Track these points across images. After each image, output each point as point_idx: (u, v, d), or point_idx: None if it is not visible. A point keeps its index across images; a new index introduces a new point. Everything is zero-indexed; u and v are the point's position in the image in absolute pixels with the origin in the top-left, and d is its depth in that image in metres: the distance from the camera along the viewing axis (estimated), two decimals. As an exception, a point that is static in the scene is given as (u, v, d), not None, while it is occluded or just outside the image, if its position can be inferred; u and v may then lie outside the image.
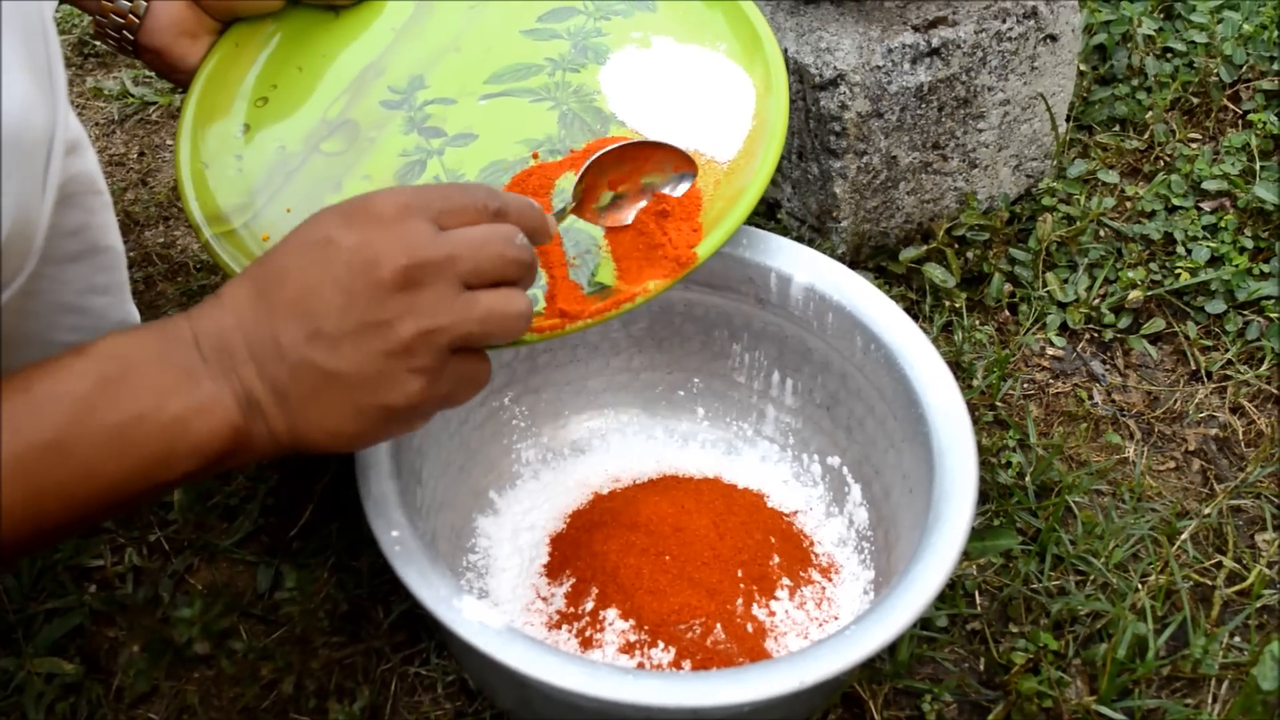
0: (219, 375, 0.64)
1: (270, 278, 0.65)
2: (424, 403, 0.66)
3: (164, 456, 0.63)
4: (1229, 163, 1.29)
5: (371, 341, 0.63)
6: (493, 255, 0.66)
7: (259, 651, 0.91)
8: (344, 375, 0.63)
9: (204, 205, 0.87)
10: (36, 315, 0.76)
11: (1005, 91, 1.18)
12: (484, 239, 0.66)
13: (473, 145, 0.90)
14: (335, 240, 0.64)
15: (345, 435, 0.66)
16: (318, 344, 0.63)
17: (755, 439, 1.02)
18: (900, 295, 1.18)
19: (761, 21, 0.94)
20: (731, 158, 0.88)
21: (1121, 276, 1.19)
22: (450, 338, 0.65)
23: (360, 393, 0.64)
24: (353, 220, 0.65)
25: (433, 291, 0.64)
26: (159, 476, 0.63)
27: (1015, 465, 1.04)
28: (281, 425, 0.65)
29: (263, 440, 0.66)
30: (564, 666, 0.69)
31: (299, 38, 0.96)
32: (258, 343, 0.64)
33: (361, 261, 0.63)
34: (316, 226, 0.66)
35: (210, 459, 0.64)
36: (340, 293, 0.63)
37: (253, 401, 0.64)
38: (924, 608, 0.73)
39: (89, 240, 0.78)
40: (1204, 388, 1.13)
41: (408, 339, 0.63)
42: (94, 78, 1.53)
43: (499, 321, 0.66)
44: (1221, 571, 0.98)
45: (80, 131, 0.79)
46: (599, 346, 1.01)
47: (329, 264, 0.63)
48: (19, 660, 0.89)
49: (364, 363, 0.63)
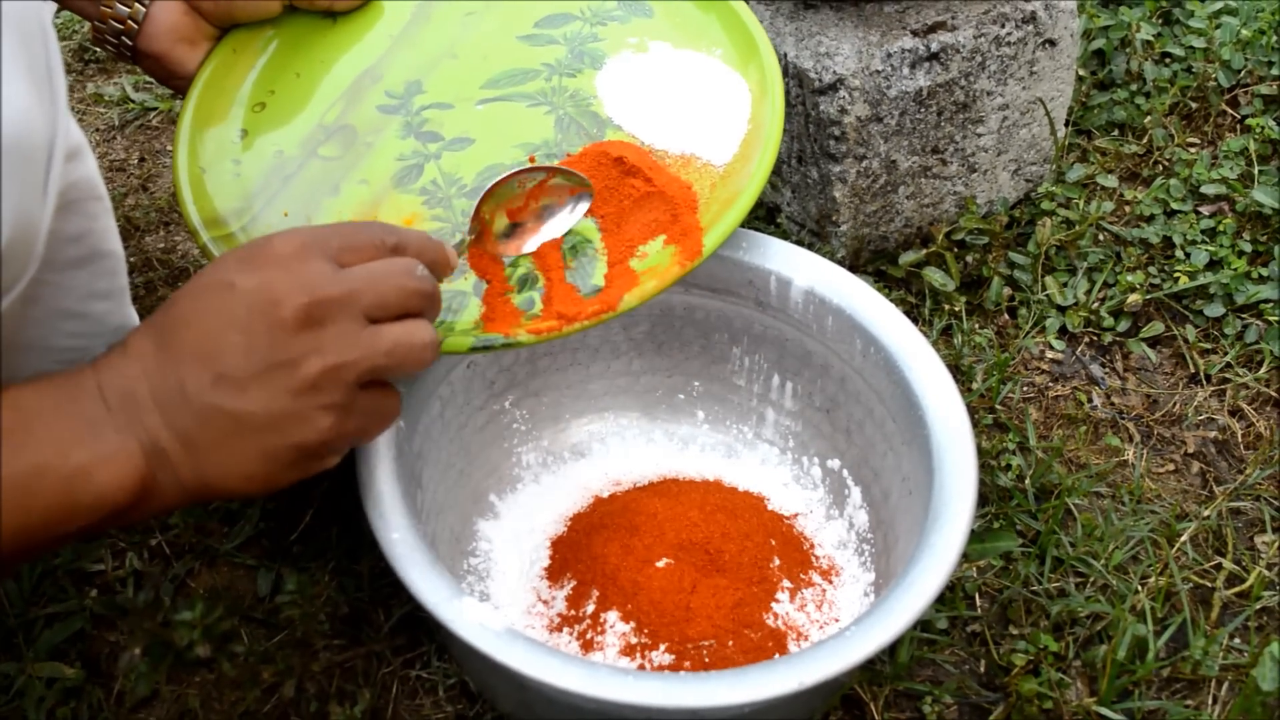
0: (123, 425, 0.63)
1: (172, 325, 0.65)
2: (334, 439, 0.66)
3: (67, 508, 0.62)
4: (1227, 167, 1.29)
5: (278, 381, 0.63)
6: (395, 287, 0.66)
7: (260, 655, 0.91)
8: (252, 417, 0.63)
9: (202, 209, 0.87)
10: (37, 322, 0.76)
11: (1004, 96, 1.18)
12: (384, 273, 0.66)
13: (469, 149, 0.90)
14: (235, 284, 0.64)
15: (257, 479, 0.65)
16: (223, 388, 0.63)
17: (755, 442, 1.02)
18: (900, 299, 1.19)
19: (757, 26, 0.94)
20: (727, 161, 0.88)
21: (1120, 280, 1.20)
22: (357, 372, 0.65)
23: (269, 434, 0.64)
24: (251, 263, 0.65)
25: (336, 328, 0.64)
26: (61, 527, 0.62)
27: (1015, 468, 1.04)
28: (189, 473, 0.65)
29: (170, 489, 0.65)
30: (564, 668, 0.69)
31: (296, 44, 0.96)
32: (162, 390, 0.63)
33: (262, 302, 0.63)
34: (216, 271, 0.66)
35: (114, 510, 0.63)
36: (243, 335, 0.63)
37: (158, 450, 0.64)
38: (923, 609, 0.73)
39: (90, 246, 0.78)
40: (1203, 390, 1.13)
41: (314, 376, 0.63)
42: (94, 83, 1.53)
43: (405, 352, 0.66)
44: (1221, 573, 0.98)
45: (80, 137, 0.79)
46: (599, 350, 1.01)
47: (230, 307, 0.63)
48: (20, 665, 0.89)
49: (271, 403, 0.63)
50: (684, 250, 0.83)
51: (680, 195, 0.85)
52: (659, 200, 0.85)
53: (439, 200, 0.87)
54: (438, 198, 0.88)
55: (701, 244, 0.83)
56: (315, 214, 0.87)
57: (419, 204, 0.87)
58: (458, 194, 0.88)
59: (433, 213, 0.87)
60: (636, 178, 0.86)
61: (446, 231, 0.86)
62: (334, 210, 0.87)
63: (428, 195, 0.88)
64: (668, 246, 0.84)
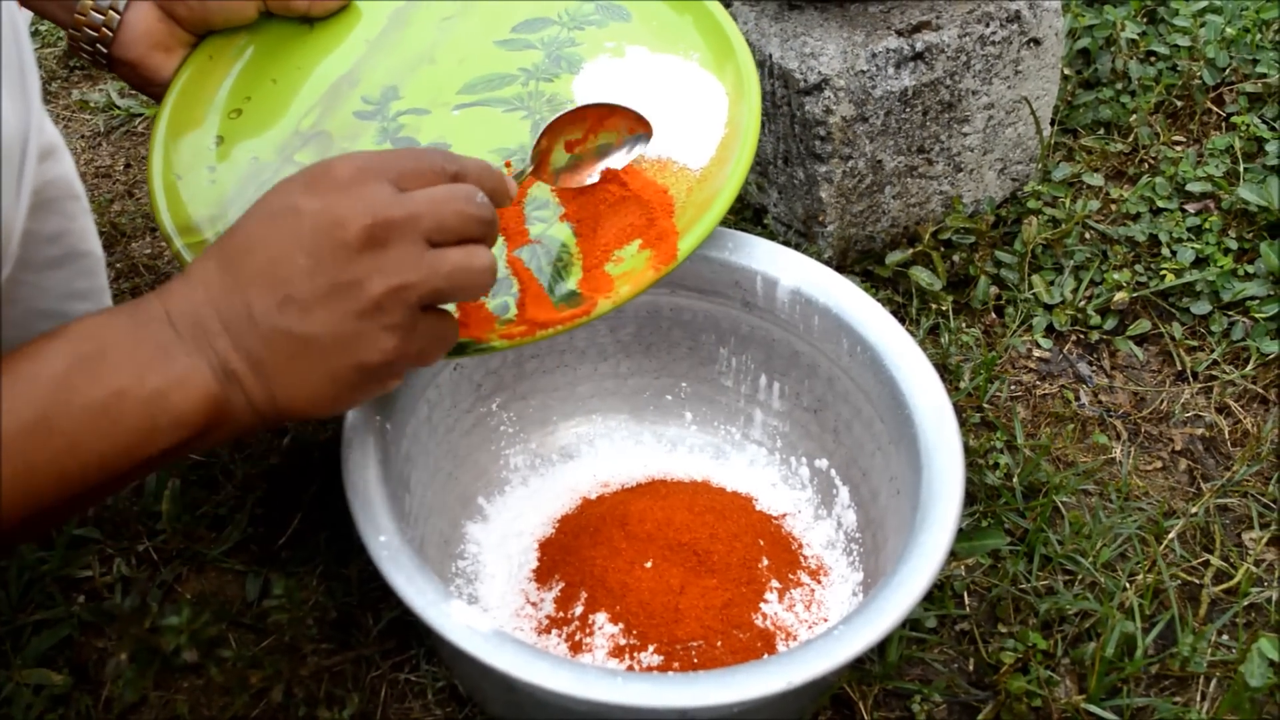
0: (194, 349, 0.65)
1: (237, 249, 0.66)
2: (398, 360, 0.67)
3: (147, 430, 0.63)
4: (1213, 165, 1.29)
5: (342, 302, 0.64)
6: (455, 212, 0.67)
7: (248, 660, 0.91)
8: (317, 339, 0.64)
9: (175, 216, 0.87)
10: (15, 323, 0.76)
11: (989, 95, 1.18)
12: (445, 197, 0.67)
13: None
14: (298, 207, 0.65)
15: (323, 400, 0.67)
16: (289, 310, 0.64)
17: (743, 443, 1.02)
18: (887, 299, 1.19)
19: (733, 28, 0.94)
20: (704, 164, 0.88)
21: (1107, 278, 1.20)
22: (419, 294, 0.66)
23: (335, 355, 0.65)
24: (314, 186, 0.66)
25: (398, 250, 0.65)
26: (144, 450, 0.64)
27: (1003, 466, 1.04)
28: (260, 394, 0.66)
29: (243, 411, 0.67)
30: (553, 669, 0.69)
31: (273, 50, 0.96)
32: (230, 314, 0.65)
33: (326, 224, 0.64)
34: (279, 196, 0.67)
35: (192, 431, 0.65)
36: (307, 257, 0.64)
37: (229, 372, 0.65)
38: (911, 607, 0.73)
39: (68, 246, 0.78)
40: (1190, 388, 1.13)
41: (378, 296, 0.64)
42: (80, 90, 1.53)
43: (465, 276, 0.67)
44: (1209, 570, 0.98)
45: (56, 136, 0.78)
46: (586, 352, 1.01)
47: (294, 231, 0.64)
48: (7, 672, 0.89)
49: (336, 325, 0.64)
50: (659, 255, 0.83)
51: (656, 199, 0.85)
52: (634, 204, 0.85)
53: None
54: None
55: (677, 248, 0.83)
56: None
57: None
58: None
59: None
60: (612, 182, 0.86)
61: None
62: None
63: None
64: (643, 251, 0.84)
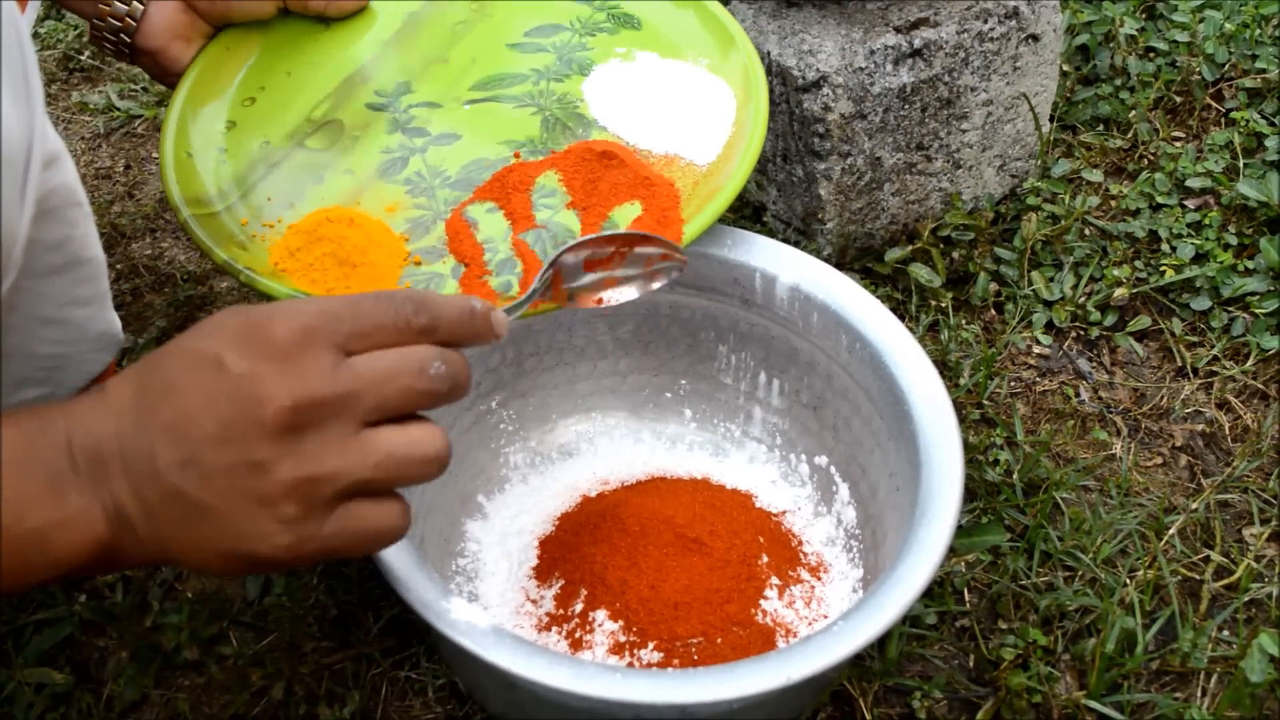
0: (89, 488, 0.59)
1: (155, 389, 0.60)
2: (290, 558, 0.60)
3: (19, 568, 0.59)
4: (1212, 160, 1.29)
5: (244, 482, 0.58)
6: (400, 389, 0.60)
7: (249, 658, 0.91)
8: (212, 511, 0.58)
9: (185, 188, 0.88)
10: (17, 329, 0.76)
11: (988, 92, 1.18)
12: (391, 371, 0.60)
13: (455, 144, 0.91)
14: (225, 365, 0.58)
15: (212, 570, 0.61)
16: (190, 473, 0.58)
17: (743, 440, 1.02)
18: (886, 296, 1.19)
19: (741, 34, 0.96)
20: (710, 160, 0.89)
21: (1107, 274, 1.20)
22: (335, 488, 0.59)
23: (227, 535, 0.59)
24: (246, 344, 0.59)
25: (321, 434, 0.58)
26: (14, 584, 0.59)
27: (1003, 463, 1.04)
28: (152, 542, 0.60)
29: (133, 551, 0.61)
30: (553, 666, 0.69)
31: (288, 45, 0.97)
32: (134, 457, 0.59)
33: (244, 396, 0.57)
34: (209, 340, 0.60)
35: (70, 570, 0.60)
36: (218, 425, 0.58)
37: (123, 517, 0.60)
38: (910, 603, 0.73)
39: (70, 253, 0.78)
40: (1190, 384, 1.13)
41: (281, 487, 0.58)
42: (79, 92, 1.53)
43: (398, 466, 0.60)
44: (1209, 566, 0.98)
45: (59, 144, 0.78)
46: (585, 350, 1.01)
47: (213, 391, 0.58)
48: (9, 671, 0.89)
49: (233, 503, 0.58)
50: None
51: (663, 189, 0.86)
52: (641, 193, 0.86)
53: (422, 190, 0.89)
54: (421, 187, 0.89)
55: (681, 234, 0.84)
56: (299, 200, 0.88)
57: (402, 193, 0.88)
58: (441, 184, 0.89)
59: (415, 201, 0.88)
60: (618, 170, 0.87)
61: (428, 219, 0.87)
62: (318, 197, 0.88)
63: (411, 185, 0.89)
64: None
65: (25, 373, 0.76)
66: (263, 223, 0.87)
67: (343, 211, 0.86)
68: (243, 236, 0.86)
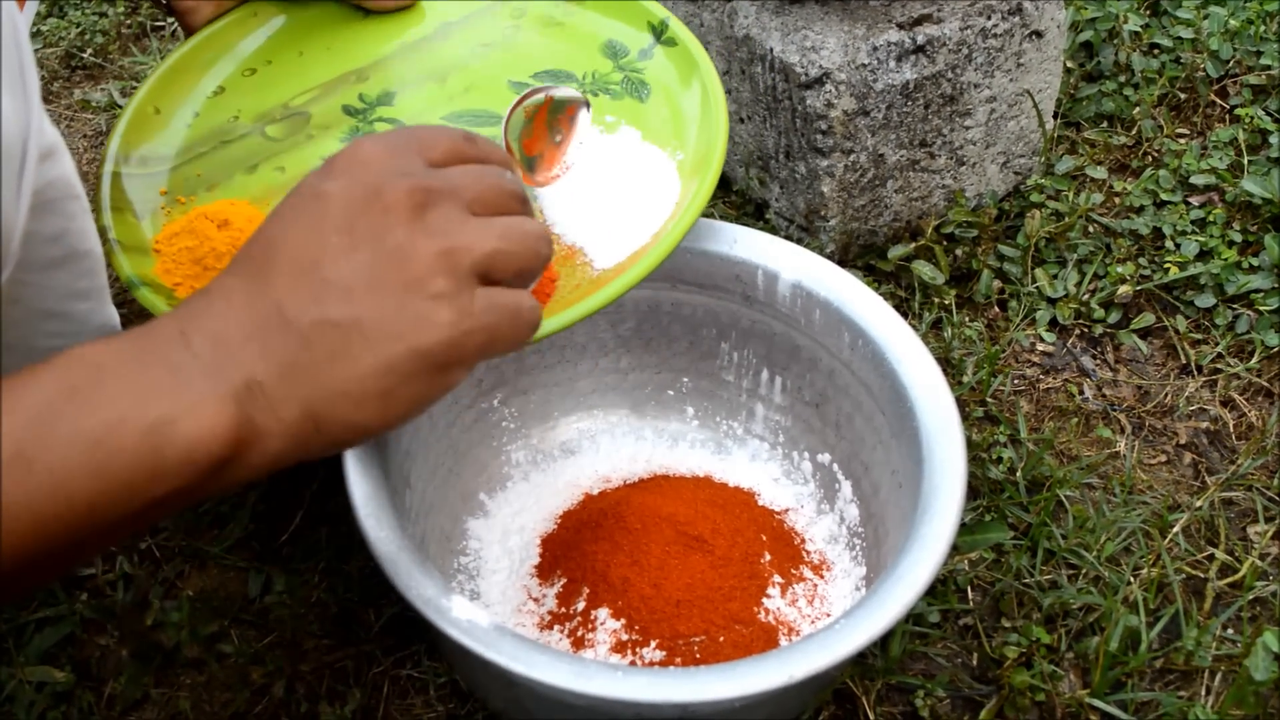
0: (213, 370, 0.55)
1: (261, 251, 0.59)
2: (457, 337, 0.58)
3: (151, 467, 0.53)
4: (1217, 157, 1.29)
5: (387, 274, 0.57)
6: (492, 185, 0.62)
7: (250, 656, 0.91)
8: (363, 323, 0.56)
9: (127, 143, 0.88)
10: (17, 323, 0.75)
11: (992, 88, 1.18)
12: (480, 172, 0.62)
13: None
14: (323, 191, 0.59)
15: (371, 402, 0.57)
16: (328, 297, 0.56)
17: (745, 438, 1.02)
18: (889, 293, 1.18)
19: (722, 153, 0.89)
20: (606, 267, 0.84)
21: (1110, 272, 1.19)
22: (472, 258, 0.58)
23: (385, 342, 0.56)
24: (338, 169, 0.60)
25: (442, 213, 0.59)
26: (146, 493, 0.53)
27: (1006, 460, 1.04)
28: (294, 408, 0.56)
29: (272, 434, 0.56)
30: (554, 664, 0.69)
31: (316, 26, 0.97)
32: (258, 320, 0.56)
33: (359, 197, 0.58)
34: (297, 191, 0.60)
35: (208, 466, 0.55)
36: (343, 234, 0.57)
37: (255, 388, 0.56)
38: (913, 601, 0.72)
39: (69, 246, 0.78)
40: (1194, 381, 1.13)
41: (427, 261, 0.57)
42: (81, 89, 1.53)
43: (520, 239, 0.61)
44: (1213, 564, 0.98)
45: (56, 137, 0.79)
46: (586, 348, 1.01)
47: (323, 214, 0.58)
48: (10, 669, 0.89)
49: (383, 302, 0.56)
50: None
51: (541, 284, 0.82)
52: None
53: None
54: None
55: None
56: (220, 184, 0.88)
57: None
58: None
59: None
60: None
61: None
62: (239, 186, 0.88)
63: None
64: None
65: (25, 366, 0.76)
66: (177, 198, 0.87)
67: (221, 211, 0.85)
68: (147, 205, 0.85)
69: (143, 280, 0.81)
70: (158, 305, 0.79)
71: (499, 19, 1.00)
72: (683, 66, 0.95)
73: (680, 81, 0.94)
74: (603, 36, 0.98)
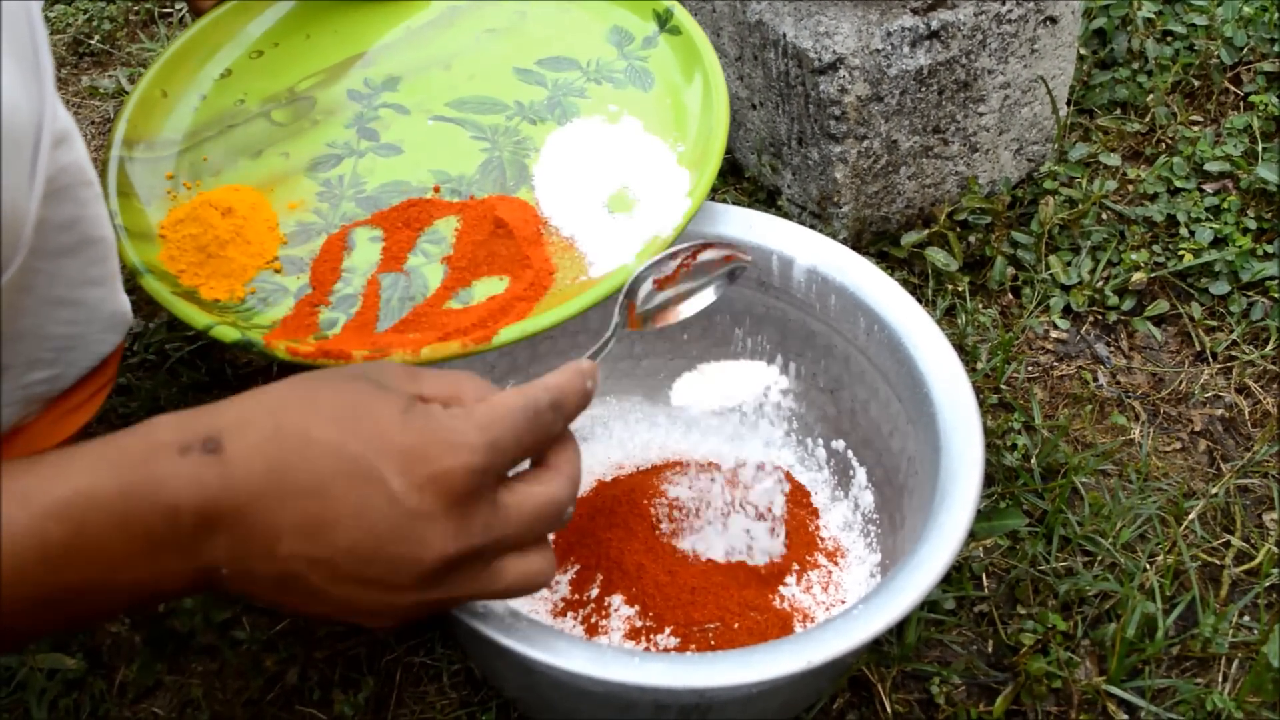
0: (188, 553, 0.59)
1: (299, 481, 0.59)
2: (390, 625, 0.66)
3: (103, 606, 0.61)
4: (1231, 144, 1.28)
5: (375, 596, 0.61)
6: (539, 535, 0.65)
7: (263, 643, 0.91)
8: (332, 600, 0.61)
9: (134, 128, 0.88)
10: (30, 310, 0.75)
11: (1005, 74, 1.17)
12: (538, 515, 0.64)
13: (391, 159, 0.90)
14: (395, 496, 0.59)
15: (297, 616, 0.67)
16: (320, 569, 0.60)
17: (759, 424, 1.01)
18: (903, 280, 1.18)
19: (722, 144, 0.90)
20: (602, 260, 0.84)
21: (1124, 259, 1.19)
22: (453, 603, 0.66)
23: (334, 611, 0.63)
24: (417, 477, 0.59)
25: (464, 573, 0.62)
26: (94, 618, 0.63)
27: (1021, 448, 1.03)
28: (236, 589, 0.62)
29: (218, 590, 0.63)
30: (570, 650, 0.69)
31: (326, 8, 0.98)
32: (253, 533, 0.59)
33: (409, 538, 0.59)
34: (376, 453, 0.59)
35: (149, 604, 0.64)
36: (372, 550, 0.59)
37: (214, 574, 0.61)
38: (930, 588, 0.72)
39: (81, 232, 0.77)
40: (1209, 368, 1.12)
41: (410, 604, 0.62)
42: (89, 76, 1.52)
43: (510, 595, 0.65)
44: (1230, 551, 0.97)
45: (69, 122, 0.78)
46: (600, 333, 1.00)
47: (375, 516, 0.59)
48: (21, 657, 0.89)
49: (353, 604, 0.62)
50: (475, 336, 0.79)
51: (539, 276, 0.83)
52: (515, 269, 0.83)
53: (330, 196, 0.87)
54: (332, 194, 0.88)
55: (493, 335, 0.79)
56: (226, 170, 0.88)
57: (313, 193, 0.87)
58: (352, 196, 0.88)
59: (317, 206, 0.87)
60: (507, 242, 0.84)
61: (316, 228, 0.86)
62: (245, 172, 0.88)
63: (326, 189, 0.88)
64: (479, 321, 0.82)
65: (36, 354, 0.76)
66: (183, 182, 0.87)
67: (225, 198, 0.84)
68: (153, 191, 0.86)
69: (148, 267, 0.82)
70: (162, 293, 0.81)
71: (505, 3, 0.99)
72: (686, 56, 0.95)
73: (683, 72, 0.94)
74: (608, 23, 0.98)
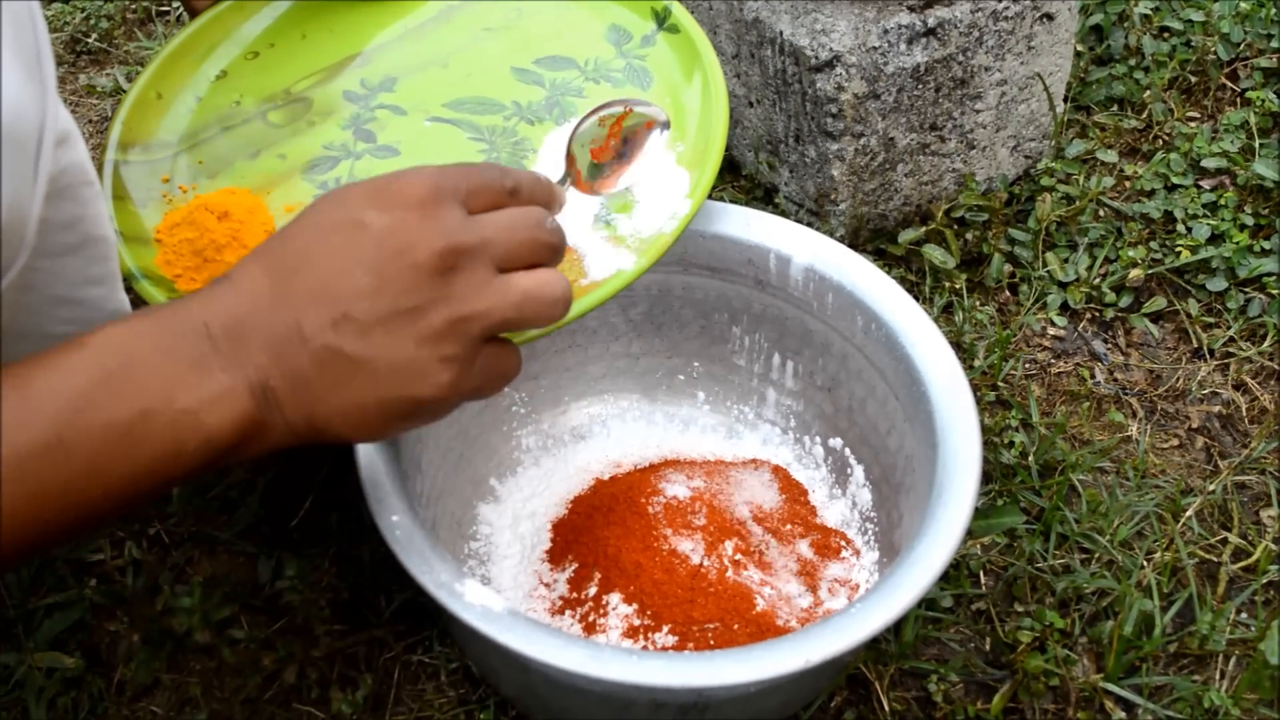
0: (232, 365, 0.60)
1: (291, 261, 0.62)
2: (451, 395, 0.63)
3: (173, 453, 0.59)
4: (1228, 140, 1.28)
5: (404, 327, 0.60)
6: (526, 239, 0.64)
7: (261, 641, 0.91)
8: (372, 363, 0.61)
9: (129, 131, 0.88)
10: (31, 309, 0.75)
11: (1002, 71, 1.17)
12: (514, 223, 0.64)
13: (387, 161, 0.89)
14: (365, 222, 0.61)
15: (367, 426, 0.63)
16: (345, 330, 0.60)
17: (756, 422, 1.01)
18: (900, 277, 1.18)
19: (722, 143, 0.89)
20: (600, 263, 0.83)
21: (1122, 255, 1.19)
22: (484, 325, 0.62)
23: (387, 384, 0.61)
24: (381, 202, 0.62)
25: (467, 276, 0.62)
26: (168, 472, 0.60)
27: (1018, 445, 1.03)
28: (299, 415, 0.62)
29: (278, 430, 0.62)
30: (567, 648, 0.69)
31: (323, 8, 0.97)
32: (277, 329, 0.61)
33: (394, 245, 0.60)
34: (338, 207, 0.63)
35: (222, 451, 0.61)
36: (372, 277, 0.60)
37: (268, 390, 0.61)
38: (928, 585, 0.72)
39: (83, 232, 0.77)
40: (1206, 365, 1.12)
41: (440, 326, 0.61)
42: (87, 75, 1.52)
43: (536, 306, 0.64)
44: (1227, 548, 0.97)
45: (70, 123, 0.78)
46: (597, 332, 1.01)
47: (358, 247, 0.61)
48: (20, 655, 0.89)
49: (394, 351, 0.61)
50: None
51: None
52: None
53: None
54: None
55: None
56: (222, 172, 0.88)
57: (311, 195, 0.87)
58: None
59: None
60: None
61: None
62: (241, 174, 0.88)
63: (323, 191, 0.87)
64: None
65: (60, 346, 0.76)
66: (179, 185, 0.86)
67: (221, 202, 0.84)
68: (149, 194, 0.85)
69: (144, 272, 0.82)
70: (157, 298, 0.81)
71: (502, 1, 0.99)
72: (685, 55, 0.94)
73: (682, 71, 0.94)
74: (606, 22, 0.98)
